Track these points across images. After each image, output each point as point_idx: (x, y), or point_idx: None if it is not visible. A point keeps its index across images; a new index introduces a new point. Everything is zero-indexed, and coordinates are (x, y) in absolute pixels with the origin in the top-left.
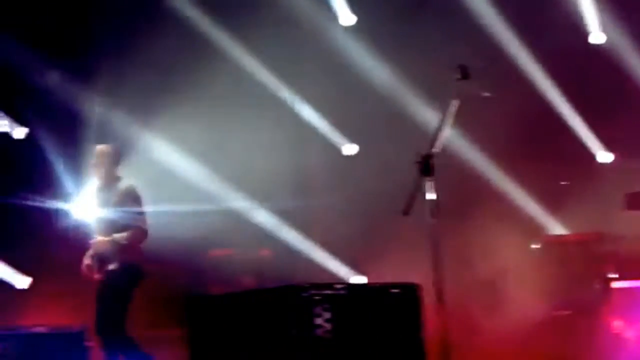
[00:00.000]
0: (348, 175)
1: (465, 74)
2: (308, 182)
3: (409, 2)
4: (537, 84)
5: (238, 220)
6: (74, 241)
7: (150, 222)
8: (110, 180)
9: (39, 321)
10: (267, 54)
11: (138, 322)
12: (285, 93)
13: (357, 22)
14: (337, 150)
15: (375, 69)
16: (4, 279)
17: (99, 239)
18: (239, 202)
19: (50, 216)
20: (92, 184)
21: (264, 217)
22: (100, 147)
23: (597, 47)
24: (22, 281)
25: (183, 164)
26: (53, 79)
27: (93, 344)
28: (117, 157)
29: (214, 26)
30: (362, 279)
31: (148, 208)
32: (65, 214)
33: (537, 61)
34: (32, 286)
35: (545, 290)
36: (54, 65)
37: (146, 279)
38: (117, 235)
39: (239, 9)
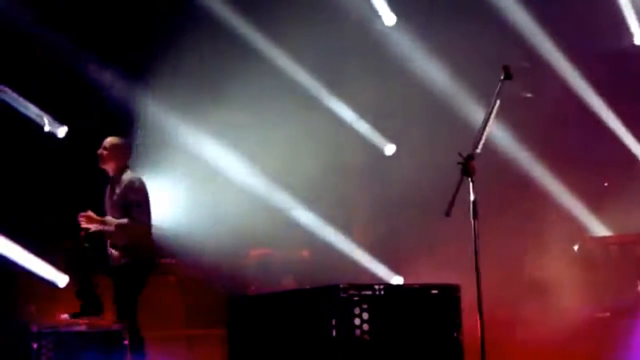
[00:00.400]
0: (388, 175)
1: (508, 75)
2: (348, 182)
3: (451, 2)
4: (579, 85)
5: (278, 220)
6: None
7: (166, 218)
8: (119, 172)
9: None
10: (309, 55)
11: (179, 321)
12: (327, 93)
13: (399, 21)
14: (378, 150)
15: (417, 68)
16: (45, 277)
17: (89, 213)
18: (280, 202)
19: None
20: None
21: (304, 217)
22: (111, 139)
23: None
24: (61, 279)
25: (227, 163)
26: (106, 78)
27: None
28: (127, 150)
29: (258, 28)
30: (401, 280)
31: (159, 203)
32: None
33: (579, 62)
34: (71, 284)
35: (586, 292)
36: (107, 64)
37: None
38: (108, 218)
39: (282, 11)
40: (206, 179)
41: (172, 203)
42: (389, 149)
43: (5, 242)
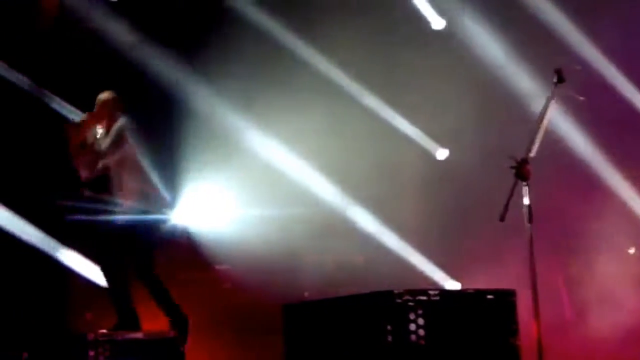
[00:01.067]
0: (442, 179)
1: (561, 78)
2: (402, 186)
3: (499, 6)
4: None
5: (333, 224)
6: (172, 247)
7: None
8: (114, 121)
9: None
10: (359, 62)
11: (234, 328)
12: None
13: (449, 26)
14: (430, 155)
15: (468, 72)
16: (102, 285)
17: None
18: (334, 207)
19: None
20: (95, 133)
21: (358, 222)
22: (102, 96)
23: None
24: None
25: (280, 165)
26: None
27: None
28: (117, 104)
29: (311, 34)
30: (456, 285)
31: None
32: (164, 220)
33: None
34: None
35: None
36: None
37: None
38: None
39: (333, 18)
40: (258, 179)
41: (223, 206)
42: (441, 153)
43: (61, 247)
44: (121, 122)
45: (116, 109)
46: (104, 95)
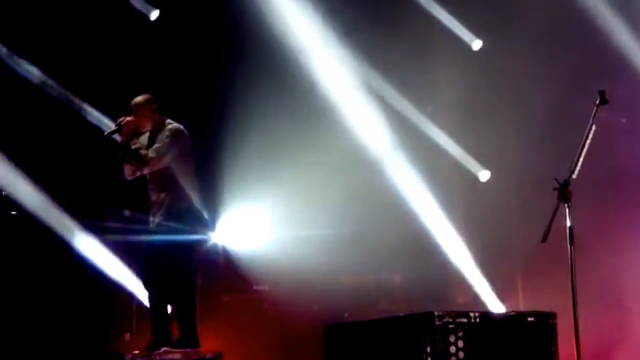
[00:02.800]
0: (483, 201)
1: (603, 99)
2: (443, 208)
3: (541, 26)
4: None
5: (371, 244)
6: (213, 269)
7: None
8: (159, 125)
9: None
10: (402, 81)
11: (275, 348)
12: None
13: (490, 46)
14: (472, 176)
15: (509, 92)
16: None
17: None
18: (373, 225)
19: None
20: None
21: (397, 241)
22: (137, 99)
23: None
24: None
25: (314, 186)
26: None
27: None
28: (153, 103)
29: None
30: (497, 306)
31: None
32: (203, 241)
33: None
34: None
35: None
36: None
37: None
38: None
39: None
40: (298, 200)
41: (262, 226)
42: (484, 174)
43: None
44: (173, 128)
45: (155, 111)
46: (140, 98)
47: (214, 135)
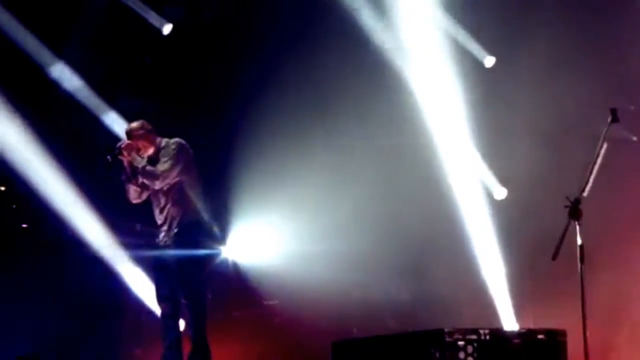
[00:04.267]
0: (497, 218)
1: (615, 117)
2: (457, 225)
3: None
4: None
5: (382, 260)
6: (223, 284)
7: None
8: (158, 146)
9: None
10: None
11: None
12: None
13: (502, 64)
14: (487, 194)
15: (521, 110)
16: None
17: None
18: (383, 243)
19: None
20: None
21: (406, 258)
22: (132, 125)
23: None
24: None
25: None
26: None
27: None
28: (148, 127)
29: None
30: (508, 324)
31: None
32: (213, 255)
33: None
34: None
35: None
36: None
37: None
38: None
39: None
40: (307, 215)
41: (272, 241)
42: (500, 192)
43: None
44: (176, 141)
45: (151, 132)
46: (134, 124)
47: (224, 149)
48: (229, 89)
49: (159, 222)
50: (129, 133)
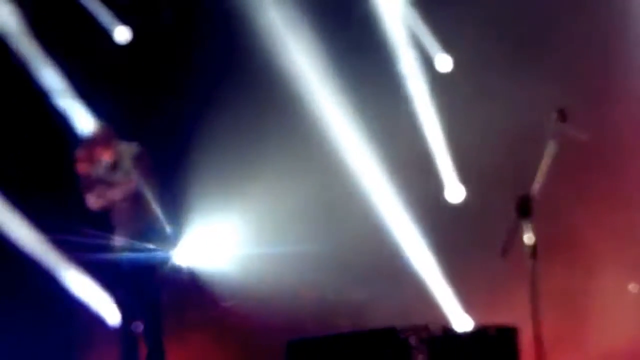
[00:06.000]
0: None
1: (563, 117)
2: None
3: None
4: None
5: (338, 260)
6: (177, 287)
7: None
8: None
9: None
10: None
11: None
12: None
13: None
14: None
15: (469, 112)
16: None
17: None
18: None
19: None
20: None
21: (359, 257)
22: (89, 133)
23: None
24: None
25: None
26: None
27: None
28: (112, 132)
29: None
30: (460, 322)
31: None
32: (167, 259)
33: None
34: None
35: None
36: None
37: None
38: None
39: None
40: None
41: (226, 244)
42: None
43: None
44: (134, 148)
45: (113, 137)
46: (94, 131)
47: (177, 149)
48: (184, 89)
49: (113, 224)
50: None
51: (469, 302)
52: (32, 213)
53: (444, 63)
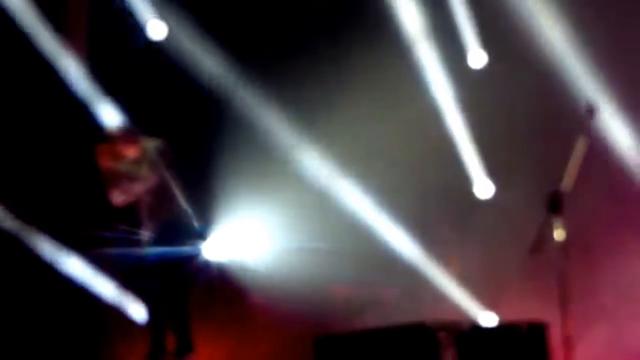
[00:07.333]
0: (480, 210)
1: (593, 114)
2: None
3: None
4: None
5: (371, 255)
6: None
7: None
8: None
9: None
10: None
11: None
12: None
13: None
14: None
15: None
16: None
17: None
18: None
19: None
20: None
21: (390, 252)
22: (112, 130)
23: None
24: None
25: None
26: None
27: None
28: (134, 128)
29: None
30: (490, 318)
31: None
32: (196, 254)
33: None
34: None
35: None
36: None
37: None
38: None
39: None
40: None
41: (256, 238)
42: (485, 191)
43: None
44: (157, 144)
45: (135, 133)
46: (115, 128)
47: (207, 144)
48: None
49: (141, 219)
50: (110, 132)
51: (498, 299)
52: (56, 210)
53: (478, 59)
